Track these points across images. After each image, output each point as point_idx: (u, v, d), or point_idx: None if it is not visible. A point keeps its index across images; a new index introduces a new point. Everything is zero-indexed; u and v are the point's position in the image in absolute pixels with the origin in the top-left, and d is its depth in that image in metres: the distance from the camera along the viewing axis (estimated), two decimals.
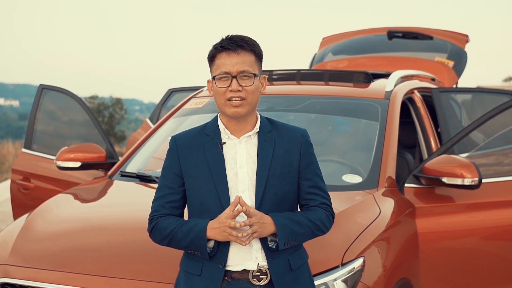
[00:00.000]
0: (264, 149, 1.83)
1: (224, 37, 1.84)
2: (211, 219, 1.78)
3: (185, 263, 1.86)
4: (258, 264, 1.80)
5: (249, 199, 1.80)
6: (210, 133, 1.85)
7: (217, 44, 1.84)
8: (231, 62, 1.79)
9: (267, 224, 1.76)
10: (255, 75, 1.81)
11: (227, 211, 1.74)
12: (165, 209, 1.83)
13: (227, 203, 1.79)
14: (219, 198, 1.79)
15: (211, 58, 1.84)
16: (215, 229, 1.75)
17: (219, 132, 1.85)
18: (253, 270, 1.80)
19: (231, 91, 1.79)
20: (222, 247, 1.79)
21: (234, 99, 1.79)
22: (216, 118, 1.88)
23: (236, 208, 1.74)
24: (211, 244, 1.79)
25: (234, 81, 1.79)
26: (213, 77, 1.82)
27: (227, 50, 1.80)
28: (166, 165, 1.87)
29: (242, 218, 1.78)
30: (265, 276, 1.80)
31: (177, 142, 1.86)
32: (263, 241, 1.80)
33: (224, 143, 1.83)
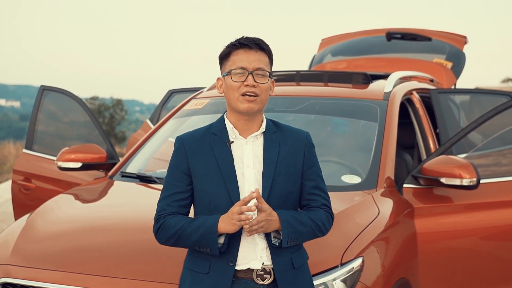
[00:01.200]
0: (270, 148, 1.85)
1: (238, 38, 1.87)
2: (217, 214, 1.79)
3: (191, 262, 1.86)
4: (263, 263, 1.81)
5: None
6: (217, 132, 1.86)
7: (233, 42, 1.86)
8: (248, 58, 1.82)
9: (273, 220, 1.77)
10: (269, 73, 1.85)
11: (238, 202, 1.75)
12: (172, 208, 1.83)
13: (237, 201, 1.80)
14: (230, 196, 1.81)
15: (226, 55, 1.86)
16: (225, 220, 1.76)
17: (227, 131, 1.86)
18: (257, 269, 1.81)
19: (246, 85, 1.81)
20: (233, 244, 1.80)
21: (248, 94, 1.81)
22: (222, 118, 1.89)
23: (250, 203, 1.75)
24: (221, 240, 1.79)
25: (250, 76, 1.82)
26: (228, 72, 1.84)
27: (245, 47, 1.83)
28: (173, 164, 1.87)
29: (249, 213, 1.79)
30: (269, 276, 1.82)
31: (184, 142, 1.86)
32: (268, 238, 1.81)
33: (232, 142, 1.85)
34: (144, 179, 2.87)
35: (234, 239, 1.81)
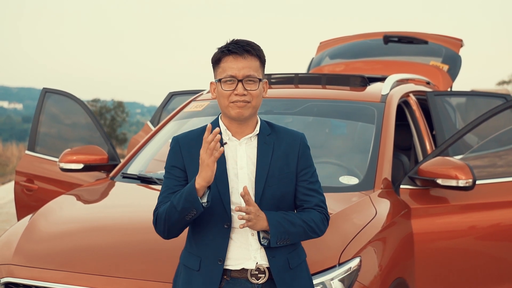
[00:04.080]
0: (264, 151, 1.86)
1: (229, 41, 1.86)
2: (208, 213, 1.79)
3: (185, 257, 1.89)
4: (257, 263, 1.83)
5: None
6: None
7: (223, 47, 1.85)
8: (237, 66, 1.82)
9: (261, 218, 1.78)
10: (260, 80, 1.85)
11: (202, 146, 1.72)
12: (168, 199, 1.84)
13: (228, 202, 1.82)
14: (221, 197, 1.82)
15: (217, 60, 1.86)
16: (200, 172, 1.73)
17: (220, 133, 1.87)
18: (252, 269, 1.83)
19: (236, 94, 1.82)
20: (221, 243, 1.82)
21: (239, 102, 1.82)
22: (217, 119, 1.91)
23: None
24: (204, 199, 1.77)
25: (240, 85, 1.82)
26: (219, 80, 1.84)
27: (234, 54, 1.82)
28: (169, 163, 1.88)
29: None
30: (263, 275, 1.83)
31: (179, 142, 1.88)
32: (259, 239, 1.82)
33: (226, 143, 1.86)
34: (145, 180, 2.90)
35: (222, 238, 1.82)
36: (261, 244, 1.82)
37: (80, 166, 3.21)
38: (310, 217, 1.85)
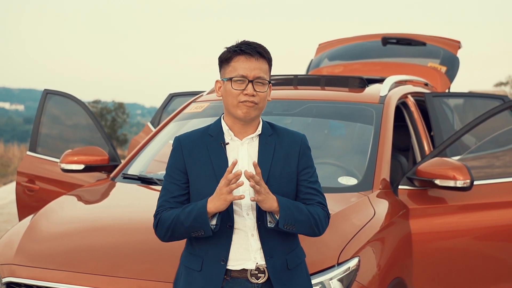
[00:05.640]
0: (265, 151, 1.87)
1: (239, 42, 1.88)
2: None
3: (186, 258, 1.90)
4: (257, 263, 1.84)
5: (250, 199, 1.84)
6: (213, 134, 1.89)
7: (234, 47, 1.86)
8: (249, 66, 1.83)
9: (271, 197, 1.78)
10: (268, 82, 1.87)
11: (223, 178, 1.76)
12: (170, 204, 1.86)
13: (230, 204, 1.82)
14: None
15: (227, 59, 1.86)
16: (214, 198, 1.77)
17: (223, 133, 1.89)
18: (252, 269, 1.84)
19: (245, 94, 1.83)
20: (224, 244, 1.83)
21: (247, 102, 1.83)
22: (219, 120, 1.92)
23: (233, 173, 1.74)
24: (213, 221, 1.80)
25: (250, 85, 1.83)
26: (228, 78, 1.85)
27: (247, 54, 1.84)
28: (171, 164, 1.90)
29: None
30: (263, 275, 1.84)
31: (181, 142, 1.89)
32: (261, 236, 1.82)
33: (227, 143, 1.88)
34: (145, 181, 2.92)
35: (225, 238, 1.84)
36: (267, 226, 1.81)
37: (81, 166, 3.23)
38: (315, 210, 1.87)
